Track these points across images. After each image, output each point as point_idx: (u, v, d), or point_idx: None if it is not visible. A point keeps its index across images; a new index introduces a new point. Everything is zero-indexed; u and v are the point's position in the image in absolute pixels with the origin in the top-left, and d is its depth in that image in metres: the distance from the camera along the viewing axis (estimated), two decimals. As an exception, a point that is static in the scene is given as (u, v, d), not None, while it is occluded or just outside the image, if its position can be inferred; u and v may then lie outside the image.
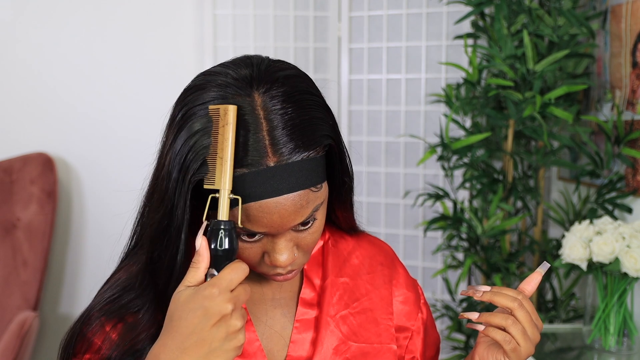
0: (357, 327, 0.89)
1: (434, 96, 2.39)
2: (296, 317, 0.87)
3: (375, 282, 0.94)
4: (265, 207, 0.71)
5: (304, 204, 0.73)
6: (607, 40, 2.00)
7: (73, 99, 2.64)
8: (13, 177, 2.52)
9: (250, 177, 0.70)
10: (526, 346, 0.83)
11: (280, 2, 2.59)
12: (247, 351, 0.84)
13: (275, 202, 0.71)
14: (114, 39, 2.64)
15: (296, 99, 0.73)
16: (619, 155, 1.88)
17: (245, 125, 0.71)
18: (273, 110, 0.71)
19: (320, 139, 0.74)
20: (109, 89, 2.65)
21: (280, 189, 0.71)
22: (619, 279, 1.64)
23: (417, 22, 2.49)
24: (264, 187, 0.71)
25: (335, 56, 2.62)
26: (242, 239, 0.76)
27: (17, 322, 2.24)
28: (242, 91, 0.72)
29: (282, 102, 0.72)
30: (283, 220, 0.73)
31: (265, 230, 0.73)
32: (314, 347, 0.86)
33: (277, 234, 0.75)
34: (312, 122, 0.73)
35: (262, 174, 0.70)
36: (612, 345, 1.67)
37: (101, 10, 2.62)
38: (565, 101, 2.03)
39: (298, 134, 0.72)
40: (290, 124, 0.71)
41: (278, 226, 0.73)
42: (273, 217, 0.72)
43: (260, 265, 0.79)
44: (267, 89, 0.72)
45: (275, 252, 0.76)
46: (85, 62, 2.63)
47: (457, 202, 2.15)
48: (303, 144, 0.72)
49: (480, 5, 1.99)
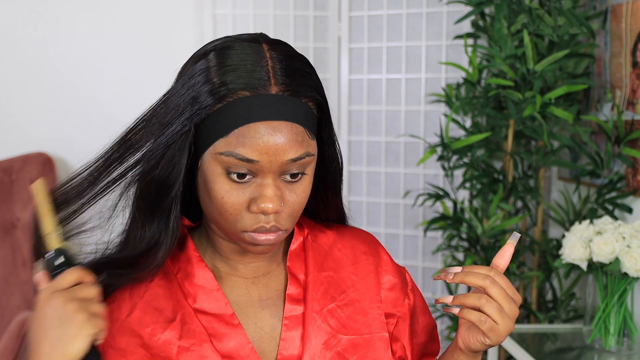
0: (346, 319, 0.89)
1: (434, 96, 2.39)
2: (284, 314, 0.87)
3: (360, 273, 0.93)
4: (264, 129, 0.75)
5: (299, 139, 0.77)
6: (607, 40, 2.00)
7: (73, 98, 2.64)
8: (13, 177, 2.51)
9: (254, 99, 0.75)
10: (504, 323, 0.82)
11: (280, 2, 2.59)
12: (240, 355, 0.83)
13: (273, 127, 0.75)
14: (114, 39, 2.63)
15: (294, 54, 0.81)
16: (619, 155, 1.88)
17: (253, 57, 0.77)
18: (275, 56, 0.78)
19: (313, 91, 0.80)
20: (109, 89, 2.65)
21: (281, 114, 0.76)
22: (619, 279, 1.63)
23: (417, 22, 2.49)
24: (266, 110, 0.75)
25: (335, 56, 2.62)
26: (230, 178, 0.77)
27: (17, 322, 2.23)
28: (251, 41, 0.80)
29: (282, 53, 0.79)
30: (277, 148, 0.75)
31: (259, 159, 0.75)
32: (303, 344, 0.85)
33: (268, 170, 0.76)
34: (307, 75, 0.80)
35: (265, 98, 0.75)
36: (612, 345, 1.67)
37: (101, 11, 2.62)
38: (566, 101, 2.03)
39: (296, 77, 0.78)
40: (290, 68, 0.78)
41: (272, 155, 0.75)
42: (269, 142, 0.75)
43: (243, 216, 0.78)
44: (272, 43, 0.80)
45: (263, 195, 0.77)
46: (86, 62, 2.63)
47: (457, 202, 2.15)
48: (299, 87, 0.78)
49: (480, 5, 1.99)
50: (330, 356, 0.85)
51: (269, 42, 0.81)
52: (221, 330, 0.84)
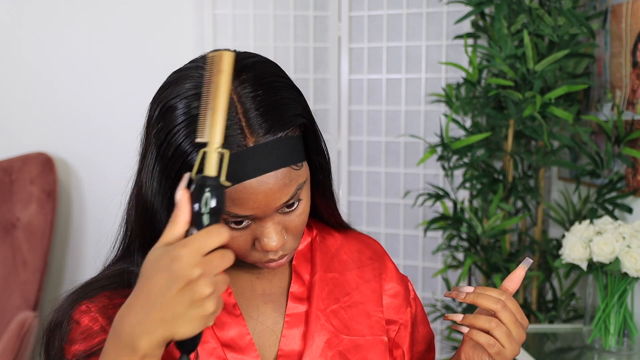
0: (349, 320, 0.89)
1: (434, 96, 2.39)
2: (287, 311, 0.88)
3: (365, 276, 0.94)
4: (250, 188, 0.72)
5: (287, 182, 0.74)
6: (607, 40, 2.00)
7: (73, 99, 2.64)
8: (13, 177, 2.51)
9: (231, 159, 0.70)
10: (511, 347, 0.82)
11: (280, 2, 2.59)
12: (239, 345, 0.84)
13: (259, 181, 0.72)
14: (114, 39, 2.63)
15: (265, 81, 0.75)
16: (619, 155, 1.88)
17: None
18: (244, 94, 0.73)
19: (294, 118, 0.75)
20: (109, 89, 2.65)
21: (262, 168, 0.72)
22: (619, 279, 1.63)
23: (417, 22, 2.49)
24: (246, 168, 0.72)
25: (335, 56, 2.62)
26: (230, 226, 0.76)
27: (17, 322, 2.23)
28: None
29: (252, 85, 0.73)
30: (268, 199, 0.73)
31: (252, 213, 0.74)
32: (304, 341, 0.86)
33: (264, 216, 0.75)
34: (284, 102, 0.75)
35: (243, 155, 0.71)
36: (612, 345, 1.67)
37: (101, 11, 2.62)
38: (566, 101, 2.03)
39: (272, 114, 0.73)
40: (263, 105, 0.73)
41: (264, 206, 0.74)
42: (258, 196, 0.73)
43: (252, 253, 0.79)
44: (237, 75, 0.73)
45: (265, 236, 0.76)
46: (86, 62, 2.63)
47: (457, 202, 2.15)
48: (278, 123, 0.73)
49: (480, 5, 1.99)
50: (332, 355, 0.86)
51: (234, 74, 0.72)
52: (222, 318, 0.85)
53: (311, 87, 2.63)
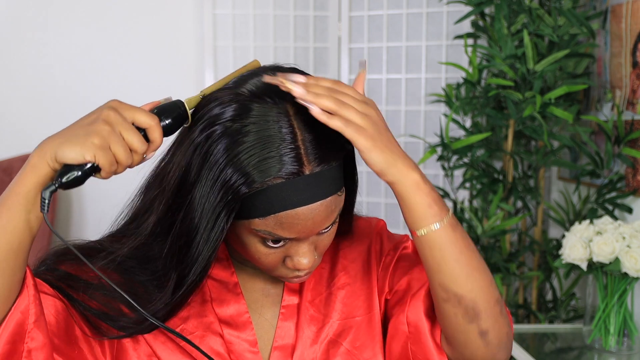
0: (338, 303, 0.90)
1: (434, 96, 2.39)
2: (282, 303, 0.89)
3: (350, 256, 0.94)
4: (302, 214, 0.74)
5: (333, 208, 0.77)
6: (607, 40, 2.00)
7: (73, 99, 2.64)
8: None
9: (288, 185, 0.72)
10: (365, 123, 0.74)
11: (280, 2, 2.59)
12: (236, 322, 0.86)
13: (311, 208, 0.74)
14: (114, 39, 2.63)
15: None
16: (619, 155, 1.88)
17: (281, 136, 0.72)
18: (303, 120, 0.74)
19: (343, 146, 0.77)
20: (109, 89, 2.65)
21: (316, 196, 0.74)
22: (619, 279, 1.63)
23: (417, 22, 2.49)
24: (302, 195, 0.73)
25: (335, 56, 2.62)
26: (266, 244, 0.77)
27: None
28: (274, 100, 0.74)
29: (308, 113, 0.73)
30: (315, 225, 0.76)
31: (297, 236, 0.76)
32: (296, 333, 0.88)
33: (305, 238, 0.77)
34: (334, 131, 0.73)
35: (300, 183, 0.73)
36: (612, 345, 1.67)
37: (101, 11, 2.62)
38: (566, 101, 2.03)
39: (328, 142, 0.75)
40: (321, 133, 0.74)
41: (310, 231, 0.76)
42: (307, 223, 0.75)
43: (280, 269, 0.81)
44: (294, 103, 0.74)
45: (300, 256, 0.78)
46: (86, 62, 2.63)
47: (457, 202, 2.15)
48: (332, 152, 0.75)
49: (480, 5, 1.99)
50: (323, 344, 0.88)
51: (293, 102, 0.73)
52: (223, 295, 0.87)
53: (311, 87, 2.62)
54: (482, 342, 0.82)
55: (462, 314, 0.80)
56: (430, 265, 0.79)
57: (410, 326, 0.86)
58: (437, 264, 0.78)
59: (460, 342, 0.83)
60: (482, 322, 0.81)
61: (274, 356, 0.87)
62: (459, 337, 0.83)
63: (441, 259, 0.78)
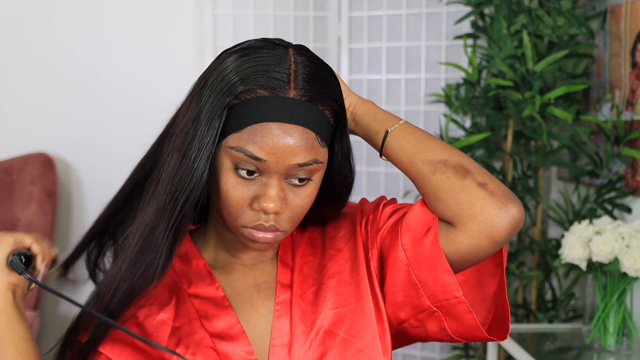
0: (330, 293, 0.90)
1: (434, 96, 2.39)
2: (276, 299, 0.89)
3: (337, 246, 0.94)
4: (276, 131, 0.76)
5: (309, 146, 0.78)
6: (606, 40, 2.00)
7: (73, 99, 2.64)
8: (13, 177, 2.52)
9: (270, 100, 0.77)
10: None
11: (280, 2, 2.59)
12: (229, 334, 0.86)
13: (286, 129, 0.76)
14: (114, 39, 2.64)
15: (321, 64, 0.82)
16: (619, 155, 1.88)
17: (276, 58, 0.79)
18: (301, 62, 0.80)
19: (332, 101, 0.81)
20: (109, 89, 2.65)
21: (295, 118, 0.77)
22: (619, 279, 1.64)
23: (417, 22, 2.50)
24: (280, 113, 0.76)
25: (335, 56, 2.63)
26: (238, 174, 0.79)
27: (17, 322, 2.23)
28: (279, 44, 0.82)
29: (310, 59, 0.81)
30: (286, 151, 0.77)
31: (266, 159, 0.76)
32: (291, 328, 0.87)
33: (275, 171, 0.78)
34: (329, 84, 0.81)
35: (281, 100, 0.77)
36: (611, 345, 1.67)
37: (101, 11, 2.62)
38: (565, 101, 2.03)
39: (316, 85, 0.79)
40: (313, 75, 0.80)
41: (279, 157, 0.77)
42: (278, 143, 0.76)
43: (245, 212, 0.80)
44: (299, 49, 0.82)
45: (267, 194, 0.78)
46: (86, 62, 2.63)
47: (456, 202, 2.15)
48: (319, 95, 0.79)
49: (480, 5, 2.00)
50: (318, 336, 0.87)
51: (296, 47, 0.82)
52: (212, 311, 0.87)
53: (311, 87, 2.63)
54: (485, 192, 0.83)
55: (453, 173, 0.85)
56: (409, 151, 0.88)
57: (407, 251, 0.87)
58: (414, 146, 0.88)
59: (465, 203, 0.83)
60: (477, 176, 0.85)
61: (273, 356, 0.86)
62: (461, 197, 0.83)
63: (415, 140, 0.88)
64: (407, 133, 0.89)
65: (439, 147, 0.88)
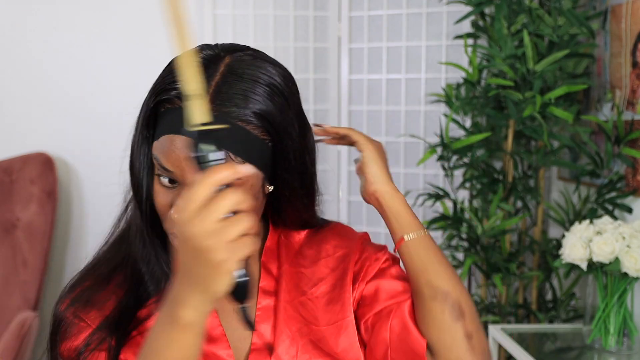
0: (316, 311, 0.90)
1: (434, 96, 2.39)
2: (257, 305, 0.89)
3: (330, 265, 0.94)
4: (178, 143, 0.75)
5: None
6: (607, 40, 2.00)
7: (73, 98, 2.64)
8: (13, 177, 2.52)
9: (178, 112, 0.75)
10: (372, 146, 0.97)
11: (280, 2, 2.59)
12: (211, 335, 0.86)
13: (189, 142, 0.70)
14: (114, 39, 2.64)
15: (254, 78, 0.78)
16: (619, 155, 1.88)
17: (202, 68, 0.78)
18: (228, 73, 0.78)
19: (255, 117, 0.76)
20: (108, 89, 2.65)
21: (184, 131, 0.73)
22: (619, 279, 1.64)
23: (417, 22, 2.49)
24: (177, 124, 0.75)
25: (335, 56, 2.62)
26: (160, 182, 0.79)
27: (17, 322, 2.24)
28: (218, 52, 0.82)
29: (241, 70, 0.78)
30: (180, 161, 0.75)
31: (171, 169, 0.76)
32: (274, 333, 0.87)
33: (182, 181, 0.77)
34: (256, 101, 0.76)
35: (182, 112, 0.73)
36: (612, 345, 1.67)
37: (101, 11, 2.62)
38: (565, 101, 2.03)
39: (237, 100, 0.75)
40: (236, 89, 0.76)
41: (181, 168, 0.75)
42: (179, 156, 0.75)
43: (168, 219, 0.81)
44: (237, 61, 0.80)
45: (176, 203, 0.77)
46: (86, 62, 2.63)
47: (457, 202, 2.15)
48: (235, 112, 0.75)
49: (480, 5, 1.99)
50: (303, 343, 0.87)
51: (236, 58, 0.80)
52: None
53: (311, 87, 2.63)
54: (468, 345, 0.86)
55: (449, 310, 0.86)
56: (417, 266, 0.89)
57: (393, 334, 0.89)
58: (423, 264, 0.89)
59: (446, 345, 0.86)
60: (467, 323, 0.86)
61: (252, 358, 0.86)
62: (445, 338, 0.86)
63: (427, 258, 0.89)
64: (421, 248, 0.90)
65: (446, 276, 0.89)
